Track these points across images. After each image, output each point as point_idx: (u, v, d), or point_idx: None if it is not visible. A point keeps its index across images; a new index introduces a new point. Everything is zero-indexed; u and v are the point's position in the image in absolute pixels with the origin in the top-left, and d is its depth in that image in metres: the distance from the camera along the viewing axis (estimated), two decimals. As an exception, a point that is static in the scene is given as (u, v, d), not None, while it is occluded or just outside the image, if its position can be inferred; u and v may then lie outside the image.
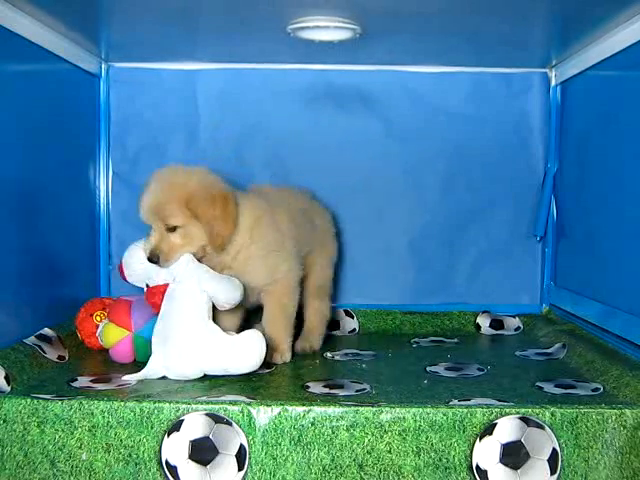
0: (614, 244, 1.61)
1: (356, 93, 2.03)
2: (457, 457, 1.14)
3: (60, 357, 1.55)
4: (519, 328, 1.98)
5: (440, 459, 1.14)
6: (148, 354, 1.54)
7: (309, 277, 1.75)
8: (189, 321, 1.42)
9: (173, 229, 1.47)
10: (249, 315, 1.69)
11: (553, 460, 1.14)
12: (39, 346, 1.49)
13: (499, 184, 2.04)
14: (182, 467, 1.14)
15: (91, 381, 1.40)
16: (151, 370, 1.42)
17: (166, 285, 1.46)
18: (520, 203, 2.05)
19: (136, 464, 1.15)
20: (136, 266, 1.51)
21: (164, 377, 1.42)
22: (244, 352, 1.40)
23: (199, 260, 1.49)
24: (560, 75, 1.97)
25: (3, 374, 1.31)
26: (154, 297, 1.47)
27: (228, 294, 1.44)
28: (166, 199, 1.47)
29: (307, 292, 1.75)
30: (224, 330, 1.44)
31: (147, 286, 1.50)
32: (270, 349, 1.50)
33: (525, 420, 1.14)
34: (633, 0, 1.37)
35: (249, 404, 1.16)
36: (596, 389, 1.38)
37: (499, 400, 1.26)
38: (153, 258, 1.46)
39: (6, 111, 1.45)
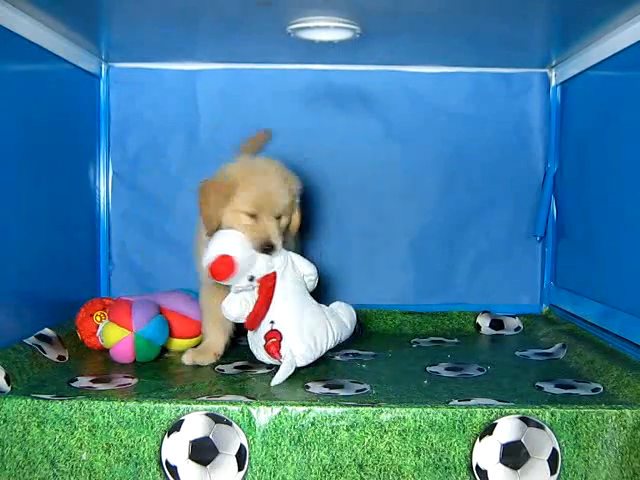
0: (614, 244, 1.61)
1: (356, 93, 2.03)
2: (457, 457, 1.14)
3: (60, 357, 1.55)
4: (519, 328, 1.98)
5: (440, 459, 1.14)
6: (149, 354, 1.54)
7: None
8: (304, 304, 1.51)
9: (278, 217, 1.53)
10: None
11: (553, 460, 1.14)
12: (39, 346, 1.49)
13: (499, 184, 2.04)
14: (182, 467, 1.14)
15: (91, 381, 1.40)
16: (290, 364, 1.42)
17: (274, 273, 1.49)
18: (520, 203, 2.04)
19: (136, 464, 1.15)
20: (244, 259, 1.47)
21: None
22: (348, 315, 1.61)
23: None
24: (560, 75, 1.97)
25: (3, 374, 1.31)
26: (270, 286, 1.49)
27: (314, 270, 1.57)
28: (284, 188, 1.53)
29: None
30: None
31: (251, 279, 1.48)
32: None
33: (525, 420, 1.14)
34: (633, 0, 1.37)
35: (249, 404, 1.16)
36: (596, 389, 1.38)
37: (499, 400, 1.26)
38: (267, 247, 1.49)
39: (6, 111, 1.45)
